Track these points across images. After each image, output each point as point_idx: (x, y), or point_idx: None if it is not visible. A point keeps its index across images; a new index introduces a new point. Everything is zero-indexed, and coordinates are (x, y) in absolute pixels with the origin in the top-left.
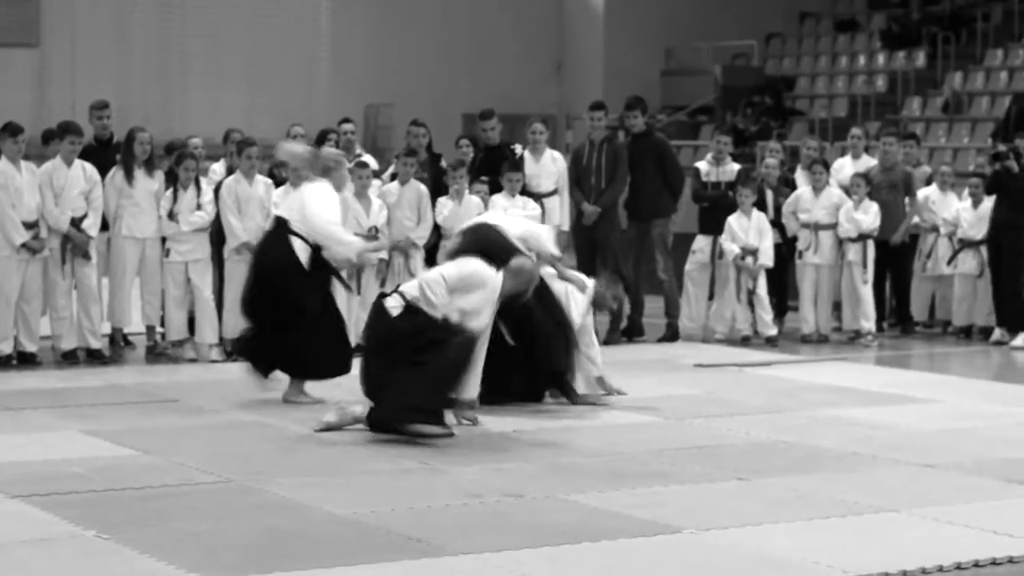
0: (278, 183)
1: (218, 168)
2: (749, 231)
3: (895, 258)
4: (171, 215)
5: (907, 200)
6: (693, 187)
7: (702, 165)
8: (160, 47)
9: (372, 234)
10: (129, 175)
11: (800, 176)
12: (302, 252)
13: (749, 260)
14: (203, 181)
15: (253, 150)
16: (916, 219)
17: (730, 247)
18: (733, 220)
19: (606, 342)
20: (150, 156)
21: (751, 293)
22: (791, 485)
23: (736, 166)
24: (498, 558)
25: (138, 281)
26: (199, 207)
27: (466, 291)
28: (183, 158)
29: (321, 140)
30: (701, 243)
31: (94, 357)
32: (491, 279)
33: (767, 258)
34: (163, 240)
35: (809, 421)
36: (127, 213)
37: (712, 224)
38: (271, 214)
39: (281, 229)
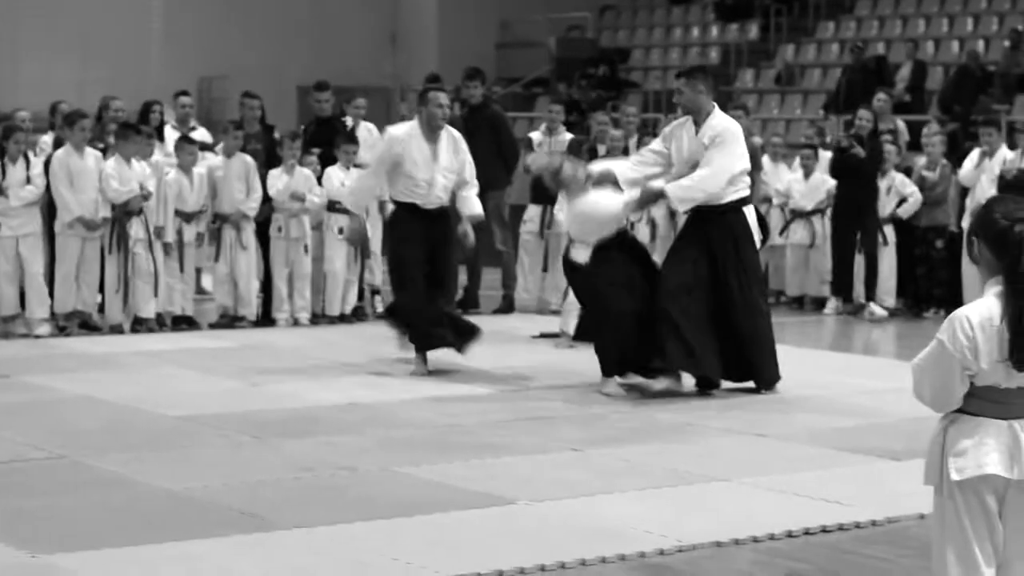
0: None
1: (47, 140)
2: None
3: None
4: (0, 190)
5: (756, 174)
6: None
7: (535, 135)
8: None
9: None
10: None
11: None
12: None
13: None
14: (31, 154)
15: (85, 122)
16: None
17: (562, 217)
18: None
19: None
20: None
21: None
22: (624, 455)
23: (569, 136)
24: (331, 532)
25: None
26: (28, 180)
27: None
28: (11, 131)
29: (145, 113)
30: (532, 213)
31: None
32: None
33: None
34: None
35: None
36: None
37: (543, 194)
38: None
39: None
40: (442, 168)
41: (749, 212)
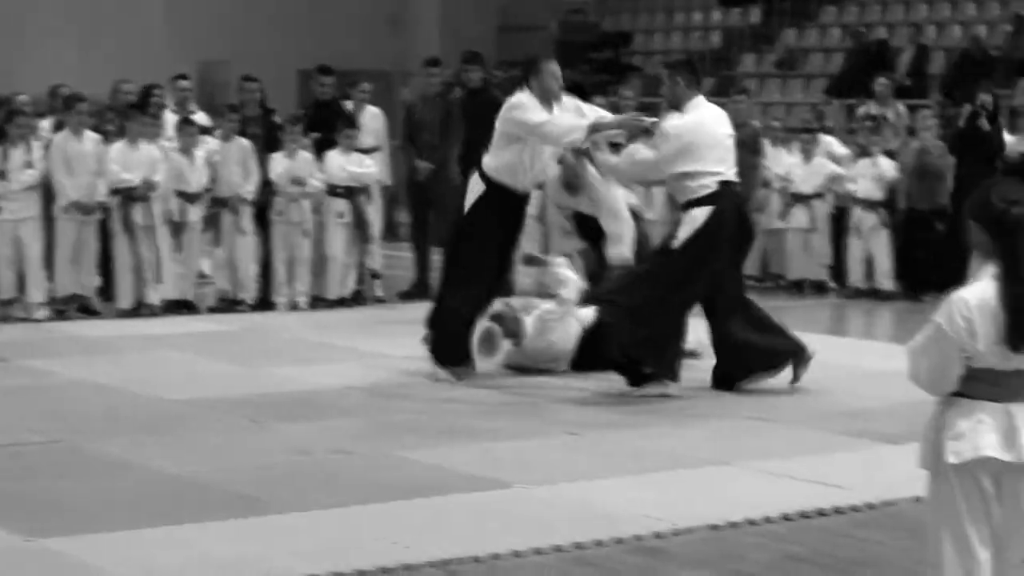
0: (107, 138)
1: (46, 125)
2: None
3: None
4: (1, 173)
5: (757, 159)
6: None
7: None
8: None
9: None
10: None
11: None
12: None
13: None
14: (32, 138)
15: (83, 106)
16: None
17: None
18: None
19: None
20: None
21: None
22: (622, 439)
23: None
24: (327, 515)
25: None
26: (29, 164)
27: None
28: (13, 114)
29: (145, 96)
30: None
31: None
32: None
33: None
34: None
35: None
36: None
37: None
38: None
39: None
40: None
41: (699, 213)
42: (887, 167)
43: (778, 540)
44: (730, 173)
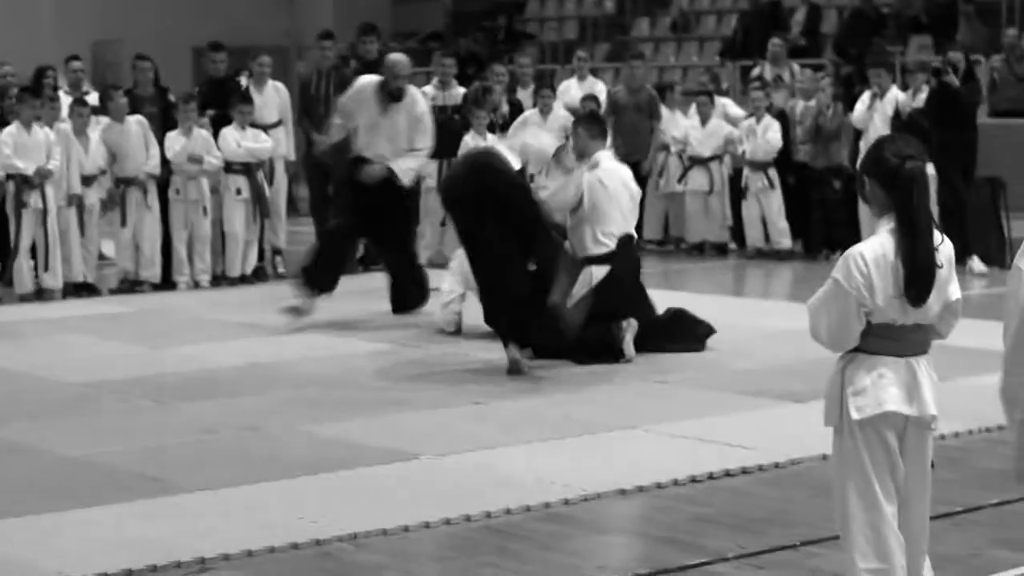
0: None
1: None
2: None
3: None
4: None
5: (654, 123)
6: None
7: (428, 89)
8: None
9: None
10: None
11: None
12: None
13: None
14: None
15: None
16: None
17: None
18: (469, 139)
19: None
20: None
21: None
22: (527, 407)
23: (461, 90)
24: (236, 493)
25: None
26: None
27: None
28: None
29: (39, 78)
30: (430, 167)
31: None
32: None
33: None
34: None
35: None
36: None
37: (438, 148)
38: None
39: None
40: None
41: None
42: (774, 129)
43: (687, 502)
44: None
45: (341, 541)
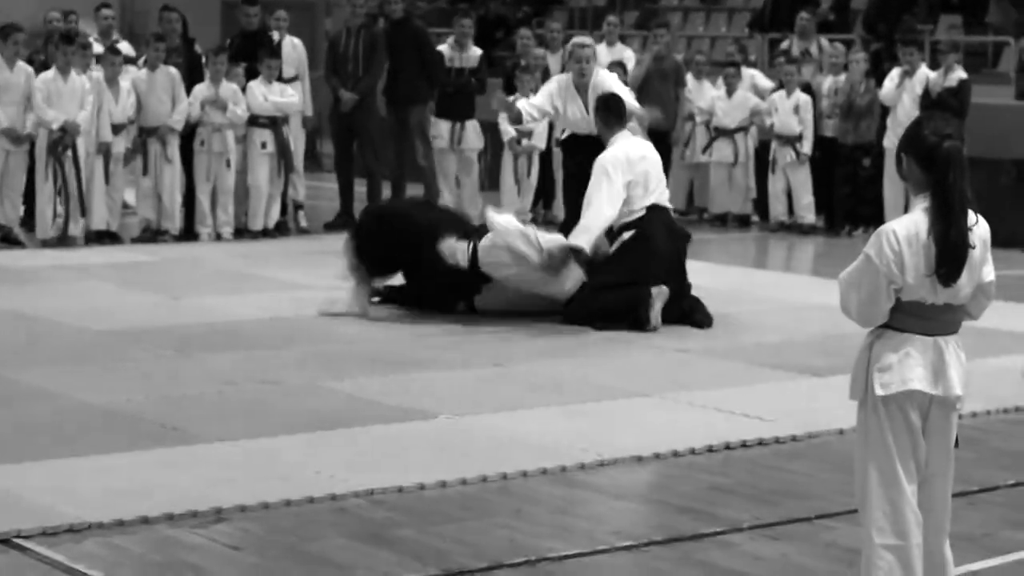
0: (38, 69)
1: None
2: None
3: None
4: None
5: (679, 91)
6: None
7: (444, 49)
8: None
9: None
10: None
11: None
12: None
13: (525, 143)
14: None
15: (19, 36)
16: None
17: (506, 128)
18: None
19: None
20: None
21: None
22: (547, 371)
23: (479, 51)
24: (254, 444)
25: None
26: None
27: None
28: None
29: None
30: (441, 128)
31: None
32: None
33: (541, 140)
34: None
35: None
36: None
37: (453, 109)
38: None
39: None
40: None
41: None
42: (804, 102)
43: (703, 471)
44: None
45: (357, 497)
